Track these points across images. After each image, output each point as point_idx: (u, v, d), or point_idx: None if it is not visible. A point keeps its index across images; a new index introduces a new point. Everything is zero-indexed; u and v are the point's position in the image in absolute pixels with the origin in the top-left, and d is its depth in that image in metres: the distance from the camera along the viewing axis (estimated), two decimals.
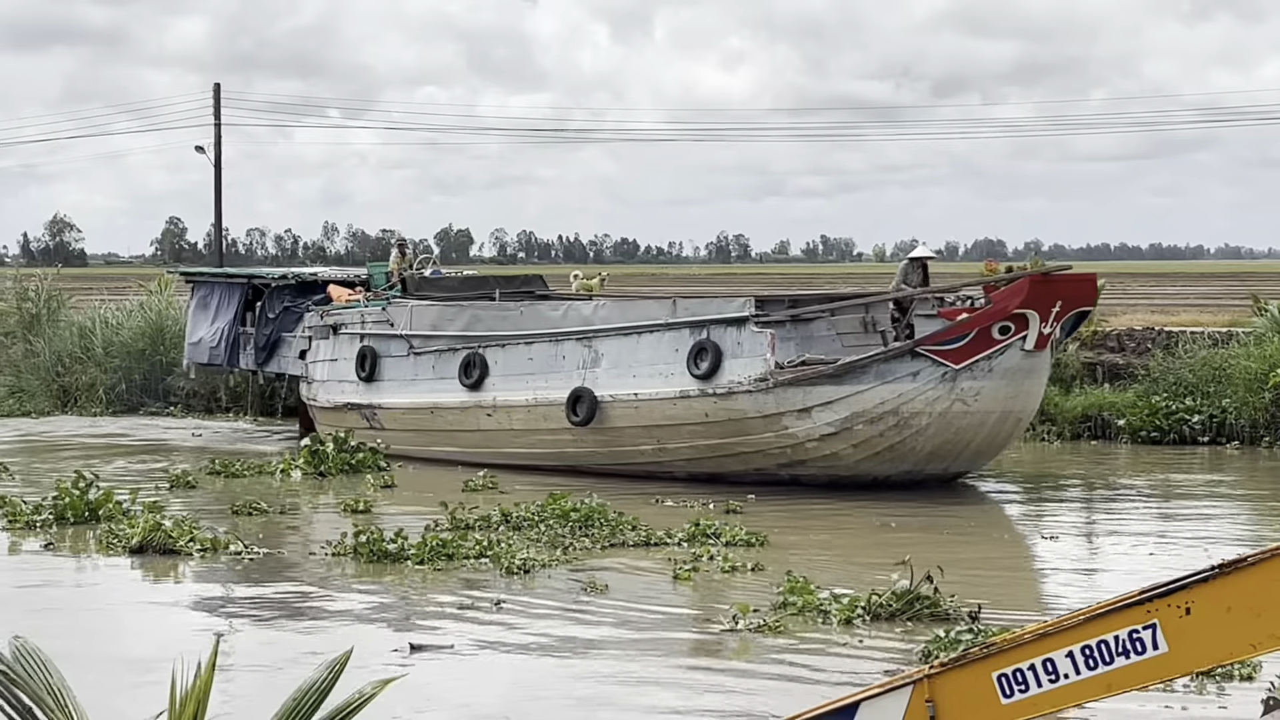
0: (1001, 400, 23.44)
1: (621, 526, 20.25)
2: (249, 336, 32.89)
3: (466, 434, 27.37)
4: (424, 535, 19.05)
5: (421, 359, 28.37)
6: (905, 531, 20.52)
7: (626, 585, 17.42)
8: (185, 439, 32.76)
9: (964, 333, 23.30)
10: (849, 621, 15.06)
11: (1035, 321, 23.11)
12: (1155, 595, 8.99)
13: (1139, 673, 9.11)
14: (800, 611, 15.27)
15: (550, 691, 13.00)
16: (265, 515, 22.23)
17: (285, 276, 33.66)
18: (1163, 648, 9.01)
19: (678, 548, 19.36)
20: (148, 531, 19.13)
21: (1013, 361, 23.26)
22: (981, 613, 14.93)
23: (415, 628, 15.12)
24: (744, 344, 24.14)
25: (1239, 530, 21.66)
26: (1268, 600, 8.80)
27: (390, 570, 18.22)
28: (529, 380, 26.46)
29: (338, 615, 16.19)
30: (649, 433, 24.85)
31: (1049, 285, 23.35)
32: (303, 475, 26.46)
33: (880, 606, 15.28)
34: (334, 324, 30.30)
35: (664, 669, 13.87)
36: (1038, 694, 9.21)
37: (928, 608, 15.22)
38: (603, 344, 25.73)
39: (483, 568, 18.07)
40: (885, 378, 23.36)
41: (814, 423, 23.62)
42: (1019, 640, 9.29)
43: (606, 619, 15.70)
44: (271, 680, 12.76)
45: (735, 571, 17.84)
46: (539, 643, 14.71)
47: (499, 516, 20.90)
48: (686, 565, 17.89)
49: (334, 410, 29.88)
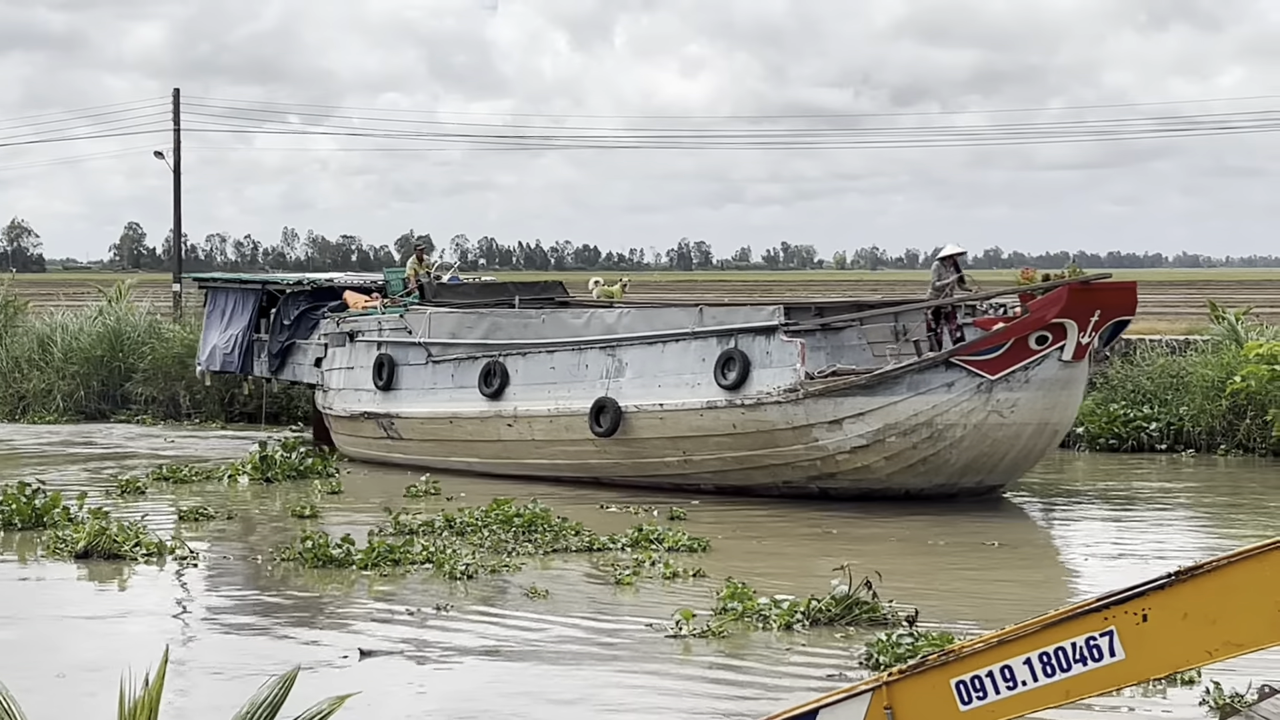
0: (1038, 412, 23.29)
1: (565, 532, 20.67)
2: (263, 343, 32.82)
3: (486, 444, 27.27)
4: (370, 541, 19.44)
5: (440, 367, 28.25)
6: (846, 540, 20.84)
7: (569, 591, 17.86)
8: (160, 446, 33.16)
9: (1000, 343, 23.08)
10: (789, 626, 15.46)
11: (1074, 331, 22.94)
12: (1112, 602, 9.15)
13: (1097, 679, 9.27)
14: (740, 617, 15.62)
15: (492, 697, 13.31)
16: (212, 520, 22.58)
17: (300, 282, 33.53)
18: (1120, 654, 9.17)
19: (621, 553, 19.67)
20: (93, 536, 19.43)
21: (1050, 372, 23.12)
22: (919, 617, 15.30)
23: (363, 633, 15.41)
24: (773, 353, 24.00)
25: (1195, 538, 22.07)
26: (1223, 607, 8.95)
27: (336, 576, 18.54)
28: (551, 390, 26.34)
29: (286, 621, 16.51)
30: (675, 444, 24.77)
31: (1088, 294, 23.05)
32: (250, 481, 26.83)
33: (819, 611, 15.67)
34: (350, 331, 30.22)
35: (607, 674, 14.19)
36: (996, 701, 9.37)
37: (866, 612, 15.63)
38: (627, 353, 25.60)
39: (427, 573, 18.42)
40: (919, 388, 23.18)
41: (845, 435, 23.45)
42: (977, 647, 9.40)
43: (549, 624, 16.07)
44: (222, 689, 13.06)
45: (676, 578, 18.24)
46: (482, 647, 15.07)
47: (442, 522, 21.29)
48: (628, 570, 18.31)
49: (350, 419, 29.88)
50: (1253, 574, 9.13)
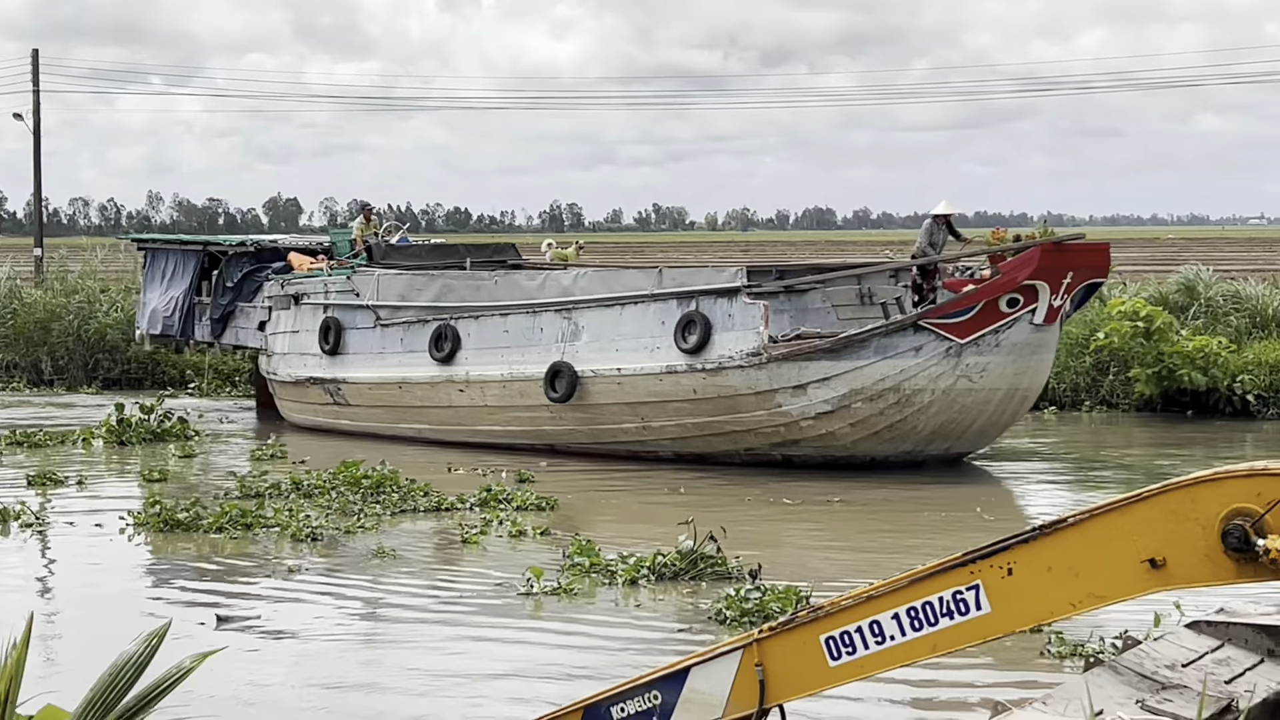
0: (1008, 377, 23.19)
1: (413, 493, 21.12)
2: (204, 307, 32.70)
3: (437, 410, 27.23)
4: (221, 505, 19.86)
5: (389, 331, 28.12)
6: (693, 495, 21.29)
7: (417, 551, 18.29)
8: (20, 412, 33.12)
9: (970, 305, 22.88)
10: (634, 582, 15.99)
11: (1045, 294, 22.73)
12: (978, 557, 9.43)
13: (963, 633, 9.54)
14: (587, 572, 16.14)
15: (343, 657, 13.72)
16: (62, 485, 22.77)
17: (244, 244, 33.32)
18: (986, 608, 9.45)
19: (469, 513, 20.16)
20: None
21: (1021, 336, 22.96)
22: (762, 571, 15.66)
23: (219, 598, 15.75)
24: (735, 316, 23.73)
25: (1059, 493, 22.61)
26: (1086, 560, 9.22)
27: (188, 539, 18.84)
28: (504, 354, 26.22)
29: (138, 586, 16.81)
30: (633, 410, 24.67)
31: (1061, 255, 22.84)
32: (104, 444, 27.15)
33: (665, 567, 16.22)
34: (295, 294, 30.05)
35: (457, 631, 14.62)
36: (865, 655, 9.66)
37: (711, 567, 16.17)
38: (583, 316, 25.40)
39: (276, 535, 18.79)
40: (886, 353, 22.98)
41: (810, 400, 23.30)
42: (846, 603, 9.63)
43: (397, 584, 16.51)
44: (81, 653, 13.33)
45: (524, 536, 18.77)
46: (333, 608, 15.48)
47: (290, 484, 21.67)
48: (475, 530, 18.83)
49: (295, 385, 29.85)
50: (1115, 527, 9.37)
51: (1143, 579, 9.25)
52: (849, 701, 11.21)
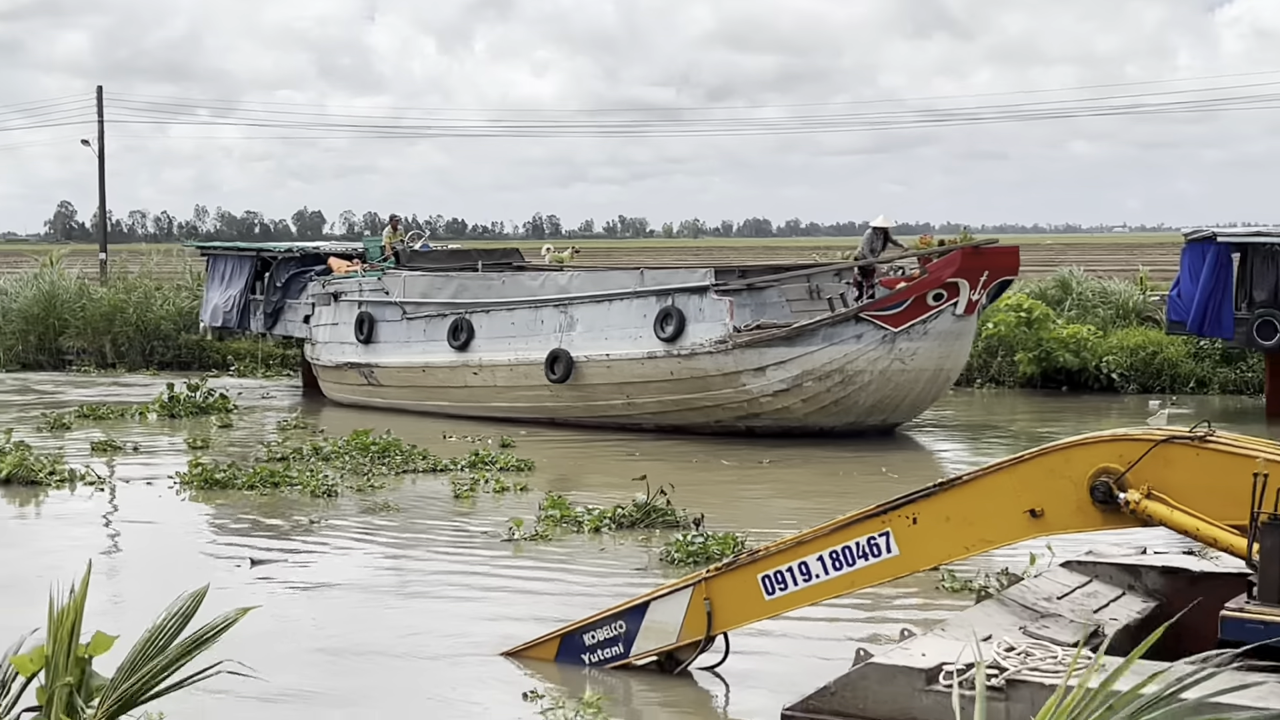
0: (934, 359, 23.30)
1: (413, 456, 21.21)
2: (258, 303, 32.76)
3: (455, 390, 27.27)
4: (253, 467, 19.98)
5: (414, 323, 28.08)
6: (647, 459, 21.31)
7: (417, 504, 18.37)
8: (90, 390, 33.17)
9: (902, 300, 23.02)
10: (598, 530, 16.15)
11: (965, 289, 22.80)
12: (889, 508, 9.56)
13: (876, 572, 9.67)
14: (559, 522, 16.30)
15: (358, 594, 13.79)
16: (120, 451, 22.86)
17: (290, 250, 33.32)
18: (895, 551, 9.58)
19: (460, 473, 20.29)
20: (14, 466, 19.66)
21: (945, 325, 23.04)
22: (705, 520, 16.02)
23: (252, 545, 15.82)
24: (705, 310, 23.85)
25: (954, 455, 22.64)
26: (978, 511, 9.34)
27: (225, 496, 18.93)
28: (511, 342, 26.27)
29: (184, 535, 16.88)
30: (620, 389, 24.77)
31: (978, 257, 22.95)
32: (157, 417, 27.32)
33: (623, 517, 16.40)
34: (335, 292, 30.03)
35: (454, 569, 14.71)
36: (794, 591, 9.77)
37: (662, 517, 16.36)
38: (578, 310, 25.47)
39: (299, 492, 18.91)
40: (832, 340, 23.06)
41: (768, 380, 23.38)
42: (780, 548, 9.76)
43: (401, 532, 16.66)
44: (142, 591, 13.30)
45: (505, 492, 18.98)
46: (347, 552, 15.65)
47: (310, 450, 21.83)
48: (466, 487, 19.04)
49: (336, 369, 29.85)
50: (1002, 483, 9.52)
51: (1025, 526, 9.41)
52: (781, 636, 11.31)
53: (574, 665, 10.57)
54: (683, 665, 10.44)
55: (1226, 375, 30.03)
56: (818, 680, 8.35)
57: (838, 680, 8.15)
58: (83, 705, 5.41)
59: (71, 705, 5.40)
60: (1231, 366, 30.04)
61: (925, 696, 7.82)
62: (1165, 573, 10.13)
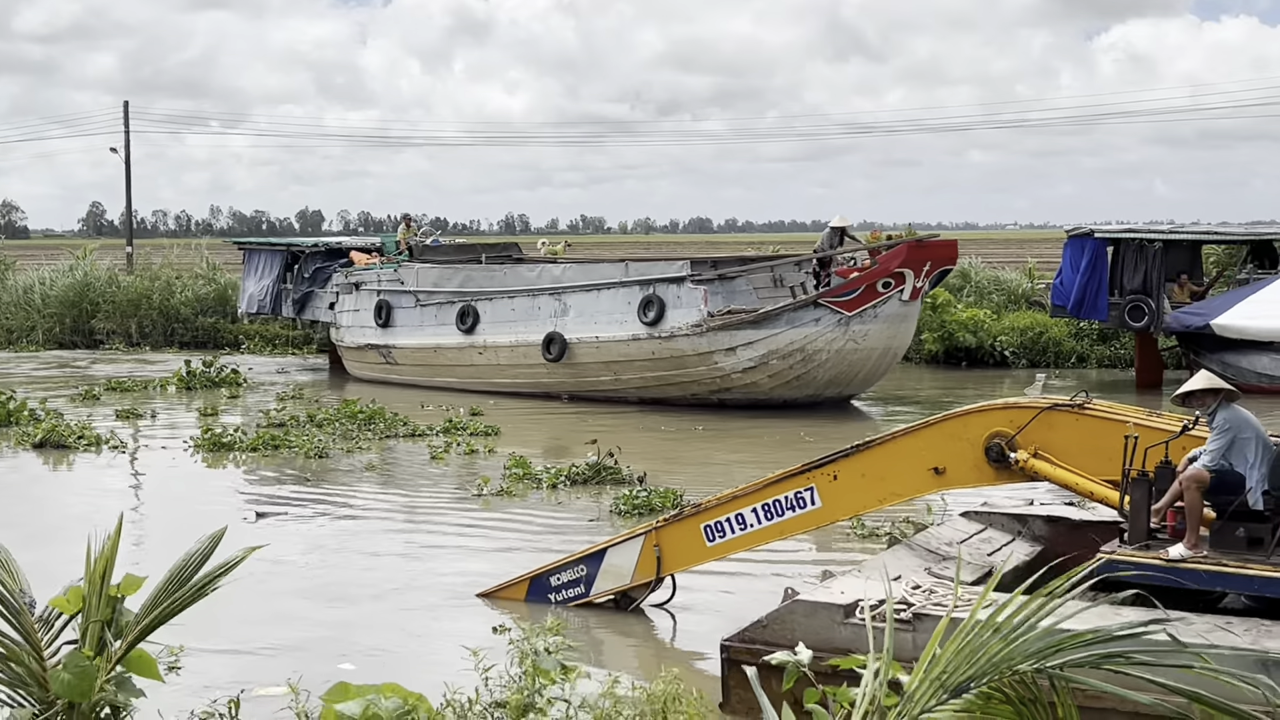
0: (884, 339, 23.09)
1: (395, 423, 21.27)
2: (289, 292, 32.34)
3: (463, 368, 27.03)
4: (257, 432, 20.07)
5: (426, 309, 27.78)
6: (599, 425, 21.35)
7: (398, 465, 18.50)
8: (119, 366, 33.13)
9: (856, 287, 22.76)
10: (555, 486, 16.28)
11: (910, 278, 22.57)
12: (813, 467, 9.58)
13: (802, 521, 9.69)
14: (521, 479, 16.40)
15: (349, 541, 13.84)
16: (140, 419, 22.93)
17: (316, 245, 32.98)
18: (818, 504, 9.60)
19: (435, 438, 20.41)
20: (47, 431, 19.79)
21: (893, 309, 22.82)
22: (647, 477, 16.15)
23: (256, 498, 15.94)
24: (682, 297, 23.63)
25: (869, 420, 22.76)
26: (890, 469, 9.38)
27: (231, 458, 18.99)
28: (512, 326, 26.04)
29: (199, 490, 16.95)
30: (607, 367, 24.57)
31: (922, 249, 22.79)
32: (176, 390, 27.39)
33: (577, 474, 16.54)
34: (356, 282, 29.68)
35: (430, 522, 14.79)
36: (732, 538, 9.80)
37: (610, 474, 16.51)
38: (570, 298, 25.24)
39: (296, 454, 18.96)
40: (794, 323, 22.83)
41: (738, 359, 23.14)
42: (720, 500, 9.76)
43: (384, 488, 16.77)
44: (162, 539, 13.31)
45: (476, 454, 19.06)
46: (338, 504, 15.67)
47: (305, 417, 21.84)
48: (441, 449, 19.17)
49: (357, 350, 29.57)
50: (909, 445, 9.57)
51: (930, 482, 9.51)
52: (720, 576, 11.36)
53: (541, 604, 10.60)
54: (636, 603, 10.52)
55: (1103, 352, 30.43)
56: (752, 615, 8.43)
57: (769, 614, 8.22)
58: (110, 639, 5.40)
59: (102, 640, 5.40)
60: (1107, 345, 30.47)
61: (844, 628, 7.91)
62: (1049, 521, 10.26)
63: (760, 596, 10.05)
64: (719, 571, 11.17)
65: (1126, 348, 29.51)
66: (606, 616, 10.51)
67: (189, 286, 39.06)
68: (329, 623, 10.66)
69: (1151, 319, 25.68)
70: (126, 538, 12.85)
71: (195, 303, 38.41)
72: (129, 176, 55.52)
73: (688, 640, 10.21)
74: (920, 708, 4.22)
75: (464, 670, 7.58)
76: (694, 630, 10.25)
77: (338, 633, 10.38)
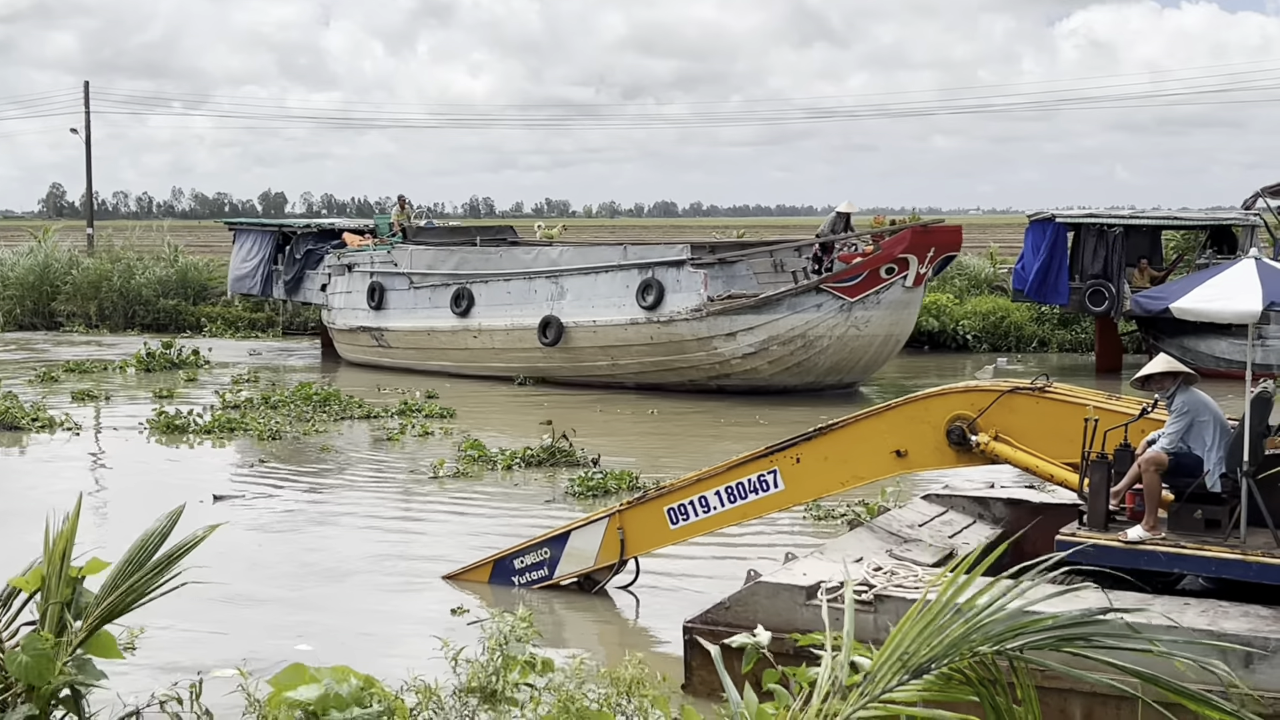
0: (886, 326, 22.91)
1: (350, 405, 21.42)
2: (279, 273, 32.13)
3: (457, 351, 26.88)
4: (212, 414, 20.18)
5: (420, 292, 27.58)
6: (555, 408, 21.58)
7: (353, 446, 18.67)
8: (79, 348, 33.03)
9: (859, 273, 22.56)
10: (510, 468, 16.47)
11: (914, 264, 22.33)
12: (776, 450, 9.62)
13: (765, 504, 9.73)
14: (476, 461, 16.58)
15: (303, 522, 14.02)
16: (96, 400, 23.00)
17: (308, 226, 32.74)
18: (781, 486, 9.64)
19: (390, 420, 20.60)
20: (0, 413, 19.86)
21: (896, 295, 22.62)
22: (600, 459, 16.33)
23: (212, 481, 16.03)
24: (682, 281, 23.42)
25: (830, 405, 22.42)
26: (851, 452, 9.42)
27: (185, 440, 19.14)
28: (508, 309, 25.83)
29: (154, 473, 17.03)
30: (605, 352, 24.42)
31: (927, 235, 22.53)
32: (135, 371, 27.52)
33: (532, 456, 16.76)
34: (349, 263, 29.47)
35: (385, 504, 14.95)
36: (695, 521, 9.84)
37: (564, 456, 16.72)
38: (568, 281, 25.04)
39: (250, 437, 19.07)
40: (796, 309, 22.64)
41: (738, 344, 22.99)
42: (684, 483, 9.77)
43: (339, 471, 16.92)
44: (118, 520, 13.49)
45: (429, 436, 19.26)
46: (293, 486, 15.81)
47: (260, 400, 22.00)
48: (396, 431, 19.38)
49: (349, 332, 29.40)
50: (872, 428, 9.62)
51: (892, 464, 9.60)
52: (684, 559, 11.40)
53: (505, 586, 10.60)
54: (600, 585, 10.59)
55: (1063, 336, 30.77)
56: (715, 596, 8.49)
57: (731, 596, 8.28)
58: (70, 620, 5.34)
59: (62, 621, 5.33)
60: (1068, 329, 30.73)
61: (805, 610, 7.98)
62: (1010, 504, 10.37)
63: (723, 579, 10.18)
64: (682, 554, 11.22)
65: (1087, 332, 29.82)
66: (570, 598, 10.59)
67: (150, 268, 39.19)
68: (285, 604, 10.82)
69: (1112, 304, 25.96)
70: (84, 519, 12.81)
71: (156, 284, 38.54)
72: (89, 158, 55.64)
73: (651, 622, 10.37)
74: (881, 687, 4.24)
75: (427, 652, 7.56)
76: (657, 612, 10.42)
77: (294, 614, 10.57)
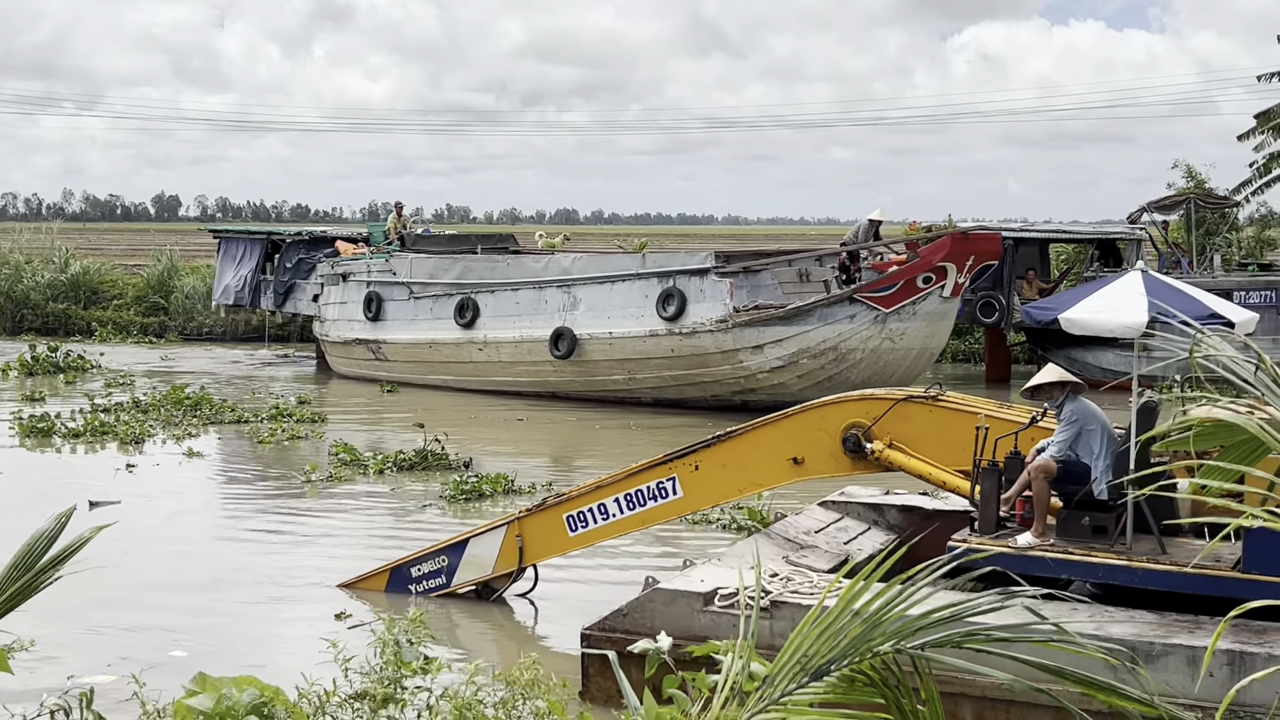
0: (921, 338, 22.23)
1: (221, 410, 21.81)
2: (269, 283, 31.69)
3: (460, 365, 26.23)
4: (85, 419, 20.32)
5: (421, 302, 26.79)
6: (432, 413, 21.59)
7: (223, 451, 19.17)
8: None
9: (894, 282, 21.83)
10: (382, 472, 16.89)
11: (953, 273, 21.56)
12: (675, 457, 9.75)
13: (664, 511, 9.86)
14: (348, 465, 16.98)
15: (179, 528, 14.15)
16: None
17: (299, 233, 32.25)
18: (680, 494, 9.79)
19: (261, 424, 20.96)
20: None
21: (932, 306, 21.90)
22: (473, 463, 16.73)
23: (84, 486, 16.06)
24: (706, 291, 22.65)
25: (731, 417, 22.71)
26: (750, 459, 9.55)
27: (54, 444, 19.35)
28: (516, 320, 25.02)
29: (26, 477, 17.18)
30: (621, 365, 23.69)
31: (966, 242, 21.83)
32: (17, 374, 27.62)
33: (404, 460, 17.18)
34: (343, 273, 28.73)
35: (257, 510, 15.26)
36: (594, 528, 9.96)
37: (437, 460, 17.16)
38: (581, 290, 24.22)
39: (117, 441, 19.24)
40: (827, 320, 21.92)
41: (766, 357, 22.26)
42: (582, 491, 9.75)
43: (210, 477, 17.29)
44: None
45: (298, 440, 19.67)
46: (164, 492, 15.91)
47: (130, 403, 22.35)
48: (267, 434, 19.79)
49: (343, 344, 28.64)
50: (769, 435, 9.78)
51: (789, 471, 9.79)
52: (582, 568, 11.44)
53: (402, 594, 10.52)
54: (498, 593, 10.74)
55: (955, 346, 31.30)
56: (613, 604, 8.56)
57: (629, 603, 8.39)
58: None
59: None
60: (960, 339, 31.16)
61: (703, 616, 8.15)
62: (904, 510, 10.66)
63: (621, 586, 10.43)
64: (581, 562, 11.28)
65: (978, 343, 30.29)
66: (468, 606, 10.85)
67: (39, 272, 39.42)
68: (159, 609, 11.39)
69: (1002, 315, 26.53)
70: None
71: (45, 288, 38.81)
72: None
73: (549, 629, 10.77)
74: (780, 691, 4.26)
75: (312, 658, 7.51)
76: (556, 619, 10.92)
77: (168, 620, 11.16)
